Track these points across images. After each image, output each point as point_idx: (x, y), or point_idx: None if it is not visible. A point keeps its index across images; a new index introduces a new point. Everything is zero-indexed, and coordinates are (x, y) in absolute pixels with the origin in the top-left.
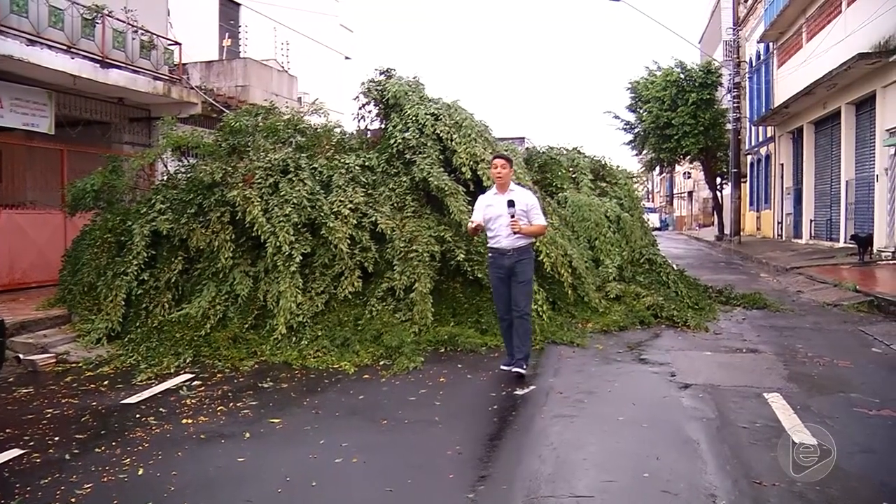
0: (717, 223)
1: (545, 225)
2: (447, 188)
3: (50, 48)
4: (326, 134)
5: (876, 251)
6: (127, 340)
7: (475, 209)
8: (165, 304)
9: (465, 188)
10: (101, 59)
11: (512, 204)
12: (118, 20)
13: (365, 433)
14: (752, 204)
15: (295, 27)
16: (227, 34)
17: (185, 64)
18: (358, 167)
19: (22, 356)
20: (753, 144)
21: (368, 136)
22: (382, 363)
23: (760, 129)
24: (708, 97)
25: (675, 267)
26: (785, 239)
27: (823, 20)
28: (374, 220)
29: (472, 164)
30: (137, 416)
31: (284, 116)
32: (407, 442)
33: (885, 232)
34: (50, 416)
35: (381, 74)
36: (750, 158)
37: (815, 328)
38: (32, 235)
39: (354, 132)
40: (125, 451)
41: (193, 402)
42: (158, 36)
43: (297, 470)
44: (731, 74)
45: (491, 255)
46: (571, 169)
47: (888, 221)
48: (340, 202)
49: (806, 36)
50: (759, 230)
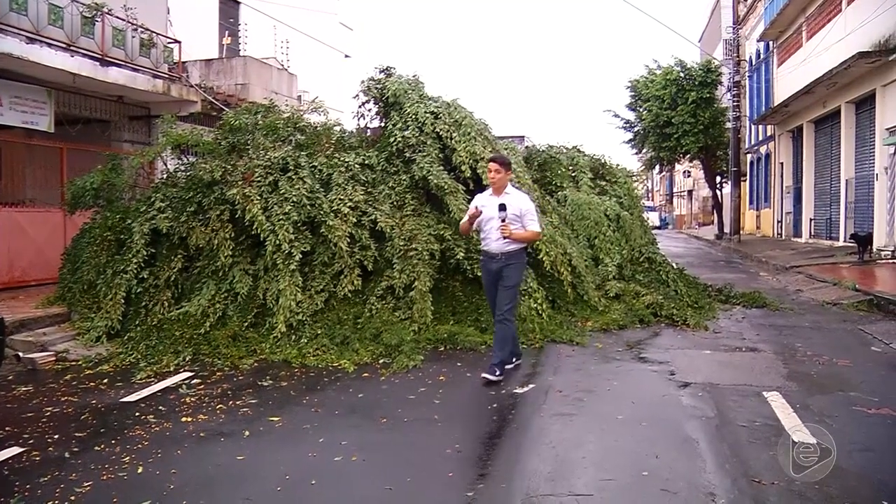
0: (716, 222)
1: (539, 232)
2: (447, 186)
3: (49, 46)
4: (326, 132)
5: (875, 250)
6: (126, 339)
7: (469, 209)
8: (165, 302)
9: (464, 187)
10: (100, 57)
11: (503, 208)
12: (118, 18)
13: (364, 431)
14: (751, 203)
15: (295, 25)
16: (226, 32)
17: (184, 62)
18: (357, 165)
19: (21, 354)
20: (753, 143)
21: (368, 134)
22: (382, 361)
23: (760, 127)
24: (708, 96)
25: (674, 265)
26: (784, 238)
27: (823, 19)
28: (373, 218)
29: (471, 162)
30: (137, 414)
31: (284, 115)
32: (406, 440)
33: (884, 231)
34: (49, 414)
35: (380, 73)
36: (750, 157)
37: (814, 327)
38: (32, 234)
39: (354, 130)
40: (125, 449)
41: (193, 400)
42: (158, 34)
43: (296, 468)
44: (730, 73)
45: (481, 257)
46: (571, 167)
47: (888, 220)
48: (340, 200)
49: (806, 35)
50: (758, 229)
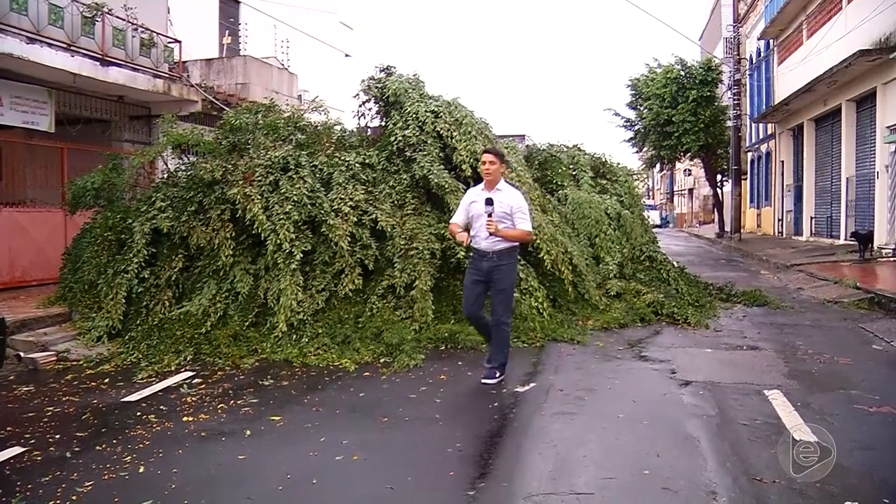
0: (717, 220)
1: (529, 231)
2: (447, 186)
3: (50, 46)
4: (327, 131)
5: (876, 248)
6: (127, 338)
7: (460, 205)
8: (166, 301)
9: (465, 186)
10: (101, 56)
11: (490, 202)
12: (118, 18)
13: (365, 431)
14: (752, 201)
15: (295, 25)
16: (227, 32)
17: (185, 62)
18: (358, 165)
19: (22, 354)
20: (754, 141)
21: (369, 133)
22: (383, 361)
23: (761, 126)
24: (708, 94)
25: (675, 264)
26: (785, 236)
27: (824, 17)
28: (374, 217)
29: (472, 161)
30: (138, 413)
31: (284, 114)
32: (407, 439)
33: (885, 229)
34: (51, 413)
35: (381, 72)
36: (750, 155)
37: (815, 325)
38: (33, 233)
39: (355, 130)
40: (126, 448)
41: (194, 399)
42: (158, 34)
43: (297, 467)
44: (731, 71)
45: (472, 254)
46: (572, 166)
47: (889, 218)
48: (341, 200)
49: (806, 33)
50: (759, 227)
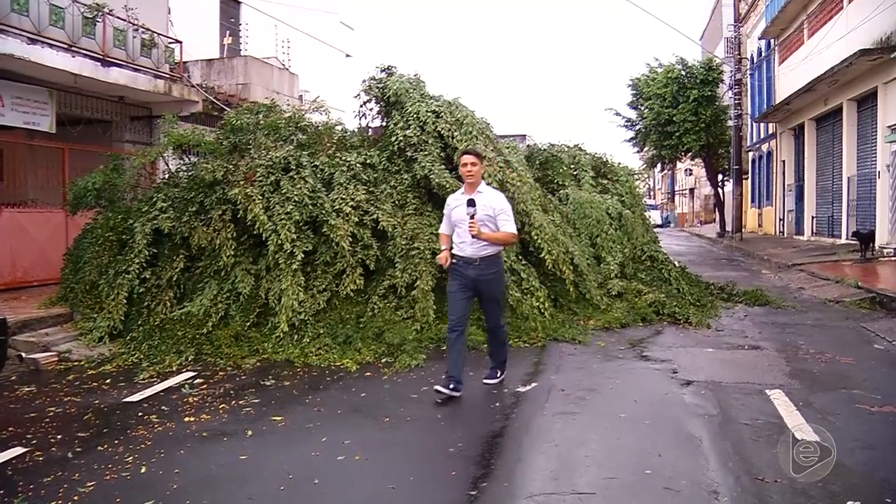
0: (718, 220)
1: (513, 233)
2: (448, 185)
3: (51, 47)
4: (328, 132)
5: (878, 248)
6: (129, 339)
7: (444, 215)
8: (167, 302)
9: None
10: (101, 57)
11: (472, 203)
12: (119, 18)
13: (367, 431)
14: (753, 201)
15: (295, 25)
16: (227, 32)
17: (185, 62)
18: (359, 165)
19: (24, 354)
20: (755, 141)
21: (370, 133)
22: (384, 361)
23: (762, 125)
24: (709, 94)
25: (676, 264)
26: (787, 236)
27: (825, 16)
28: (375, 217)
29: None
30: (140, 414)
31: (285, 114)
32: (409, 439)
33: (886, 228)
34: (52, 414)
35: (382, 72)
36: (751, 155)
37: (816, 325)
38: (34, 234)
39: (355, 130)
40: (127, 449)
41: (195, 400)
42: (159, 34)
43: (299, 467)
44: (732, 71)
45: (454, 261)
46: (573, 166)
47: (890, 218)
48: (342, 200)
49: (807, 32)
50: (760, 227)
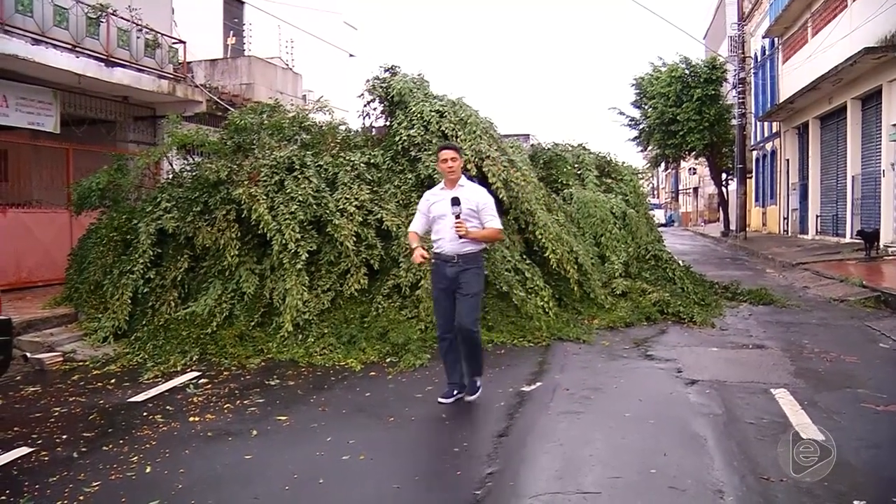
0: (722, 219)
1: (500, 229)
2: None
3: (55, 47)
4: (331, 131)
5: (882, 246)
6: (133, 339)
7: (418, 209)
8: (172, 302)
9: None
10: (105, 57)
11: (456, 202)
12: (123, 19)
13: (372, 430)
14: (757, 200)
15: (299, 25)
16: (231, 32)
17: (189, 62)
18: (363, 164)
19: (29, 355)
20: (759, 140)
21: (373, 133)
22: (389, 360)
23: (766, 124)
24: (713, 93)
25: (680, 263)
26: (791, 234)
27: (829, 15)
28: (379, 217)
29: (477, 160)
30: (144, 413)
31: (289, 114)
32: (414, 439)
33: (891, 227)
34: (57, 414)
35: (385, 72)
36: (755, 154)
37: (821, 324)
38: (38, 234)
39: (359, 129)
40: (133, 449)
41: (200, 399)
42: (163, 34)
43: (304, 467)
44: (736, 70)
45: (434, 261)
46: (577, 165)
47: (894, 217)
48: (346, 199)
49: (811, 31)
50: (764, 226)
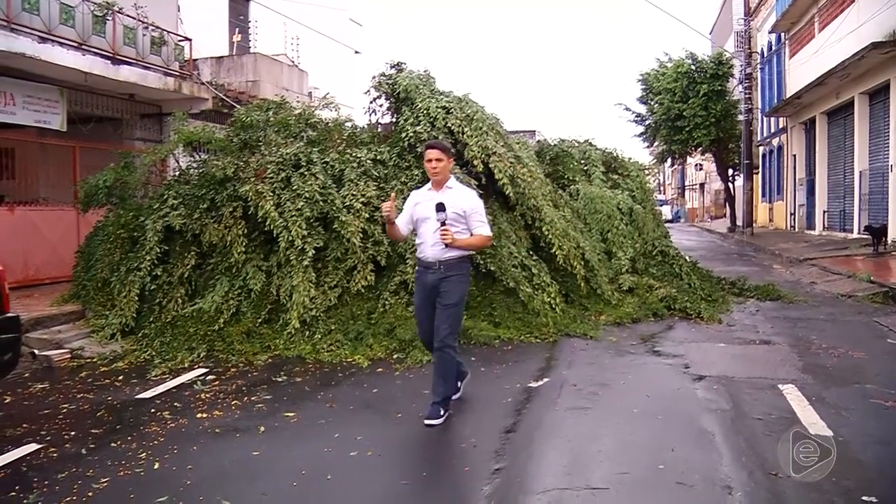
0: (729, 215)
1: (489, 237)
2: (459, 182)
3: (61, 45)
4: (338, 128)
5: (890, 242)
6: (141, 336)
7: (404, 207)
8: (179, 299)
9: (476, 181)
10: (112, 55)
11: (441, 207)
12: (129, 16)
13: (379, 427)
14: (764, 195)
15: (304, 22)
16: (237, 29)
17: (195, 60)
18: (370, 161)
19: (37, 352)
20: (765, 135)
21: (379, 129)
22: (396, 356)
23: (772, 119)
24: (719, 88)
25: (687, 259)
26: (798, 230)
27: (836, 9)
28: None
29: (483, 157)
30: (152, 410)
31: (295, 111)
32: (421, 435)
33: None
34: (66, 411)
35: (391, 68)
36: (762, 149)
37: (829, 319)
38: (45, 232)
39: (365, 126)
40: (141, 445)
41: (208, 396)
42: (169, 32)
43: (312, 463)
44: (742, 65)
45: (417, 266)
46: (583, 161)
47: None
48: (353, 196)
49: (818, 26)
50: (771, 221)
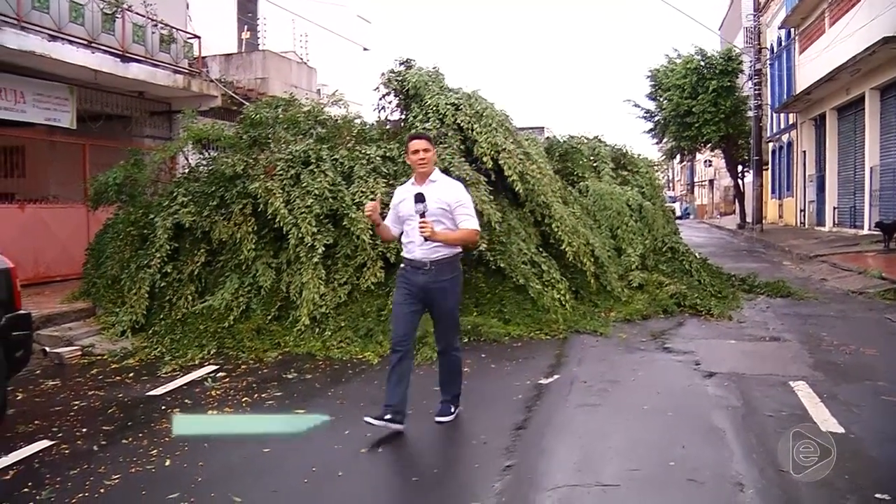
0: (738, 211)
1: (476, 230)
2: (469, 178)
3: (71, 43)
4: (347, 125)
5: None
6: (151, 333)
7: (390, 208)
8: (189, 296)
9: (486, 178)
10: (121, 53)
11: (420, 198)
12: (138, 14)
13: None
14: (773, 192)
15: (313, 19)
16: (245, 27)
17: (204, 57)
18: (379, 158)
19: (48, 349)
20: (775, 131)
21: (389, 126)
22: None
23: (782, 116)
24: (729, 84)
25: (697, 255)
26: (808, 227)
27: (846, 4)
28: None
29: (493, 153)
30: (163, 407)
31: (304, 108)
32: (431, 432)
33: None
34: (77, 407)
35: (400, 65)
36: (772, 146)
37: (839, 316)
38: (56, 230)
39: (375, 123)
40: (152, 442)
41: (218, 393)
42: (178, 29)
43: (322, 460)
44: (751, 61)
45: (403, 266)
46: (592, 158)
47: None
48: (362, 193)
49: (829, 21)
50: (781, 218)
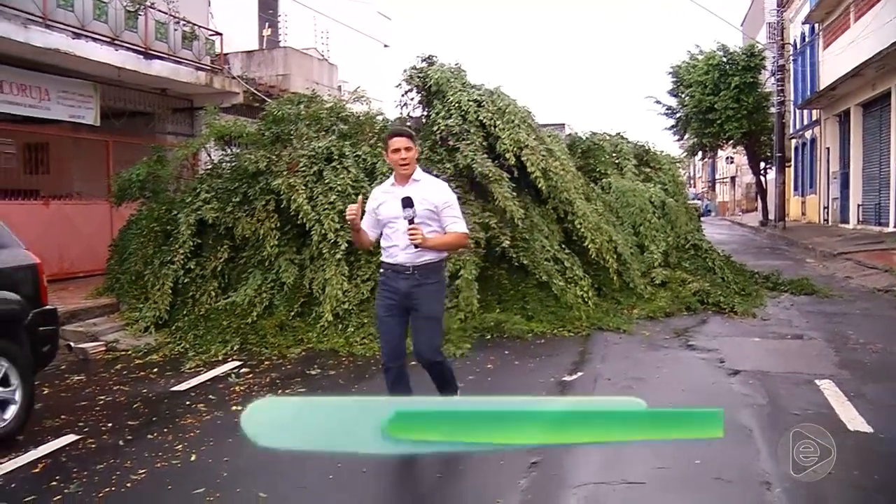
0: (760, 208)
1: (465, 233)
2: (491, 175)
3: (95, 41)
4: (369, 121)
5: None
6: (175, 328)
7: (367, 210)
8: (212, 292)
9: (509, 174)
10: (144, 50)
11: (409, 202)
12: (160, 11)
13: None
14: (796, 189)
15: (333, 16)
16: (267, 24)
17: (226, 54)
18: None
19: (73, 344)
20: (798, 128)
21: (410, 123)
22: None
23: (805, 112)
24: (751, 80)
25: (720, 252)
26: (831, 224)
27: None
28: None
29: (515, 150)
30: (187, 402)
31: (326, 105)
32: None
33: None
34: (102, 402)
35: (422, 61)
36: (794, 142)
37: (865, 314)
38: (80, 226)
39: (396, 119)
40: (177, 437)
41: (242, 389)
42: (200, 26)
43: (347, 457)
44: (774, 57)
45: (383, 271)
46: (615, 154)
47: None
48: None
49: (854, 15)
50: (804, 215)
